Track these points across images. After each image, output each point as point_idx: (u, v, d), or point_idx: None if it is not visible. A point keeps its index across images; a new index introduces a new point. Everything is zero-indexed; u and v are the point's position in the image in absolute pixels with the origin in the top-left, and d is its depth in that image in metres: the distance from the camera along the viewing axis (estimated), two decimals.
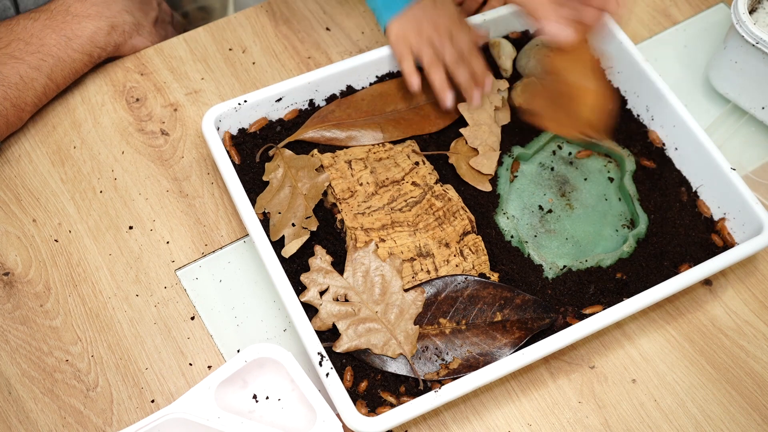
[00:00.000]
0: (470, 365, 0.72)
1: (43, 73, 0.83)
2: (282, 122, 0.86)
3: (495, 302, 0.75)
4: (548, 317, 0.75)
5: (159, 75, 0.91)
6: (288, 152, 0.82)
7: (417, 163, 0.83)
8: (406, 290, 0.74)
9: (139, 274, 0.80)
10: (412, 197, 0.81)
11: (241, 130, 0.85)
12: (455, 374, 0.71)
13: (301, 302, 0.72)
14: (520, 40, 0.94)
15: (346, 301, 0.73)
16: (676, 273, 0.80)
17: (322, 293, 0.73)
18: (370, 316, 0.73)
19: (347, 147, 0.84)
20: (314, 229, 0.77)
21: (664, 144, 0.89)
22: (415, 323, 0.74)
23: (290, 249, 0.77)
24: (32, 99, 0.83)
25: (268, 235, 0.78)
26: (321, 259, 0.74)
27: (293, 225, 0.78)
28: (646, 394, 0.77)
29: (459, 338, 0.73)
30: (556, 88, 0.79)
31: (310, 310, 0.75)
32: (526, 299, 0.75)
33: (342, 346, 0.72)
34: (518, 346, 0.73)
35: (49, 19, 0.84)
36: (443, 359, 0.72)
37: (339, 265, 0.78)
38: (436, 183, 0.82)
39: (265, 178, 0.81)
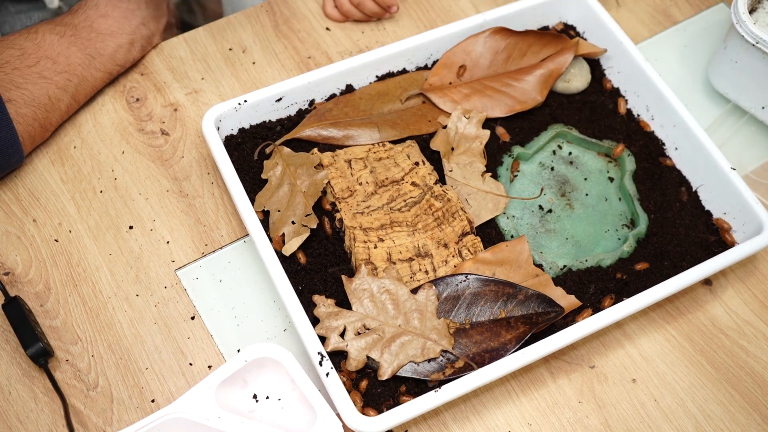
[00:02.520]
0: (476, 363, 0.72)
1: (69, 93, 0.83)
2: (282, 122, 0.86)
3: (498, 299, 0.75)
4: (553, 311, 0.74)
5: (159, 75, 0.91)
6: (286, 150, 0.82)
7: (417, 164, 0.83)
8: (414, 292, 0.74)
9: (139, 273, 0.80)
10: (411, 197, 0.81)
11: (241, 130, 0.85)
12: (461, 373, 0.71)
13: (328, 352, 0.71)
14: None
15: (368, 330, 0.73)
16: (676, 273, 0.80)
17: (342, 335, 0.72)
18: (397, 332, 0.73)
19: (344, 146, 0.84)
20: (314, 226, 0.77)
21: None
22: (439, 317, 0.74)
23: (290, 247, 0.77)
24: (57, 119, 0.83)
25: (268, 235, 0.78)
26: (324, 305, 0.73)
27: (293, 223, 0.78)
28: (646, 394, 0.77)
29: (464, 337, 0.73)
30: None
31: (311, 310, 0.75)
32: (530, 294, 0.75)
33: (385, 372, 0.71)
34: (523, 341, 0.73)
35: (74, 35, 0.84)
36: (448, 359, 0.72)
37: (340, 266, 0.78)
38: (435, 183, 0.82)
39: (263, 176, 0.81)
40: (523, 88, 0.88)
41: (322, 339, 0.72)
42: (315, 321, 0.74)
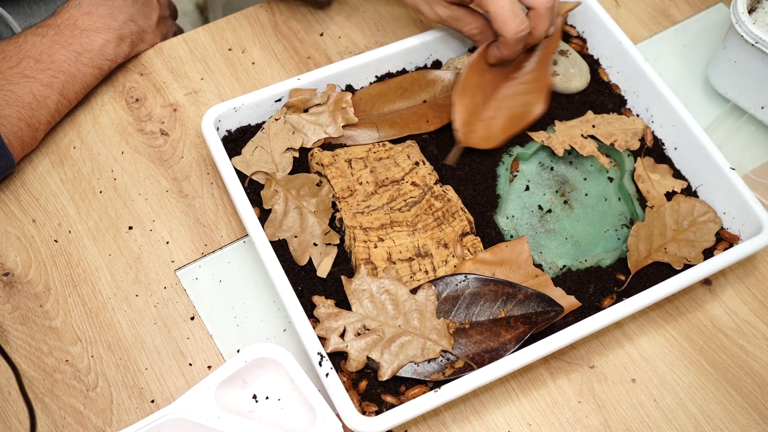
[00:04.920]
0: (476, 363, 0.72)
1: (55, 90, 0.82)
2: None
3: (497, 299, 0.75)
4: (553, 310, 0.74)
5: (158, 75, 0.91)
6: (280, 174, 0.81)
7: (417, 163, 0.83)
8: (413, 291, 0.74)
9: (139, 274, 0.80)
10: (411, 197, 0.81)
11: (241, 130, 0.85)
12: (461, 373, 0.71)
13: (328, 353, 0.71)
14: None
15: (367, 330, 0.73)
16: (675, 273, 0.80)
17: (342, 336, 0.72)
18: (397, 332, 0.73)
19: (343, 145, 0.84)
20: (337, 242, 0.77)
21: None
22: (438, 317, 0.74)
23: (324, 267, 0.76)
24: (46, 117, 0.82)
25: (268, 235, 0.78)
26: (324, 306, 0.73)
27: (315, 245, 0.78)
28: (646, 394, 0.77)
29: (463, 337, 0.73)
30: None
31: (310, 311, 0.75)
32: (529, 293, 0.75)
33: (386, 373, 0.71)
34: (523, 340, 0.73)
35: (57, 34, 0.83)
36: (448, 359, 0.72)
37: (340, 266, 0.78)
38: (435, 183, 0.82)
39: (266, 207, 0.80)
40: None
41: (322, 340, 0.72)
42: (315, 321, 0.74)
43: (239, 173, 0.81)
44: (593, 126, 0.88)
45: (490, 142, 0.85)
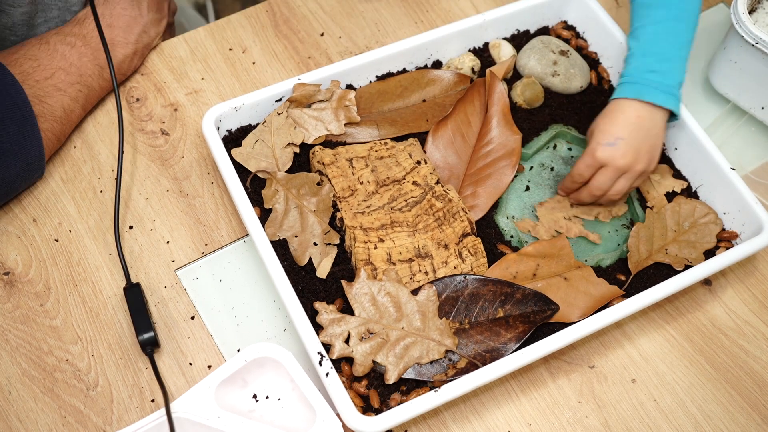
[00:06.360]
0: (477, 363, 0.72)
1: (80, 104, 0.83)
2: None
3: (496, 299, 0.75)
4: (550, 309, 0.75)
5: (159, 75, 0.91)
6: (281, 174, 0.82)
7: (419, 162, 0.83)
8: (414, 293, 0.74)
9: (140, 273, 0.80)
10: (412, 197, 0.81)
11: (241, 130, 0.85)
12: (463, 373, 0.71)
13: (332, 360, 0.71)
14: (520, 41, 0.95)
15: (371, 334, 0.73)
16: (675, 273, 0.80)
17: (347, 342, 0.72)
18: (400, 334, 0.73)
19: (344, 143, 0.84)
20: (337, 242, 0.77)
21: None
22: (440, 317, 0.74)
23: (324, 268, 0.77)
24: (69, 130, 0.84)
25: (268, 235, 0.78)
26: (327, 312, 0.73)
27: (315, 244, 0.78)
28: (646, 394, 0.77)
29: (464, 337, 0.73)
30: None
31: (310, 310, 0.75)
32: (527, 293, 0.75)
33: (392, 376, 0.71)
34: (523, 339, 0.73)
35: (84, 46, 0.84)
36: (450, 359, 0.72)
37: (340, 266, 0.78)
38: (437, 183, 0.82)
39: (266, 206, 0.80)
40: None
41: (327, 347, 0.72)
42: (315, 321, 0.74)
43: (240, 173, 0.81)
44: (572, 206, 0.85)
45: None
